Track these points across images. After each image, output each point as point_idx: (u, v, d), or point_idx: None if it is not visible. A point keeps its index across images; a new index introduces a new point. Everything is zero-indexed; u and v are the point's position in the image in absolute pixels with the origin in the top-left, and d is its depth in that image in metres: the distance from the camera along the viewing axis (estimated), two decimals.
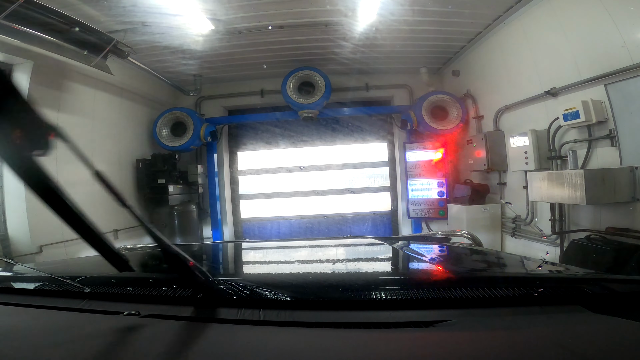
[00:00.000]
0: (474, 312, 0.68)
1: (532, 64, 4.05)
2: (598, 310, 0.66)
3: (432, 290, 0.72)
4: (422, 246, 1.70)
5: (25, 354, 0.57)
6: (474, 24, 4.57)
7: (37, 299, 0.85)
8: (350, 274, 1.10)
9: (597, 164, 3.27)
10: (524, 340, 0.57)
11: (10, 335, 0.66)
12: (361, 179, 6.81)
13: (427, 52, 5.46)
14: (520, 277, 0.87)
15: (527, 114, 4.23)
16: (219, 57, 5.12)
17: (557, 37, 3.58)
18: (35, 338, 0.65)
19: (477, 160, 5.03)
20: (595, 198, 2.98)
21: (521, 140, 4.12)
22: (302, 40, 4.87)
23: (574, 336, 0.58)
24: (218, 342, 0.61)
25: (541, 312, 0.68)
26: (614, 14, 2.91)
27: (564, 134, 3.67)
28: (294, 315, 0.68)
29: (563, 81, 3.54)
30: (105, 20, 3.79)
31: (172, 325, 0.68)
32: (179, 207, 5.67)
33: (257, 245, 2.16)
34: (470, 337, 0.58)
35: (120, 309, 0.74)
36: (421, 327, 0.61)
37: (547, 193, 3.42)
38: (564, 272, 1.05)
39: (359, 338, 0.59)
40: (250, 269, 1.52)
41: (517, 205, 4.61)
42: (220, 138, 6.48)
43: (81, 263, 1.59)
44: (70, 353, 0.58)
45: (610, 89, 3.04)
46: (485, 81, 5.13)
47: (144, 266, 1.41)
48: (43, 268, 1.23)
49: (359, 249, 1.75)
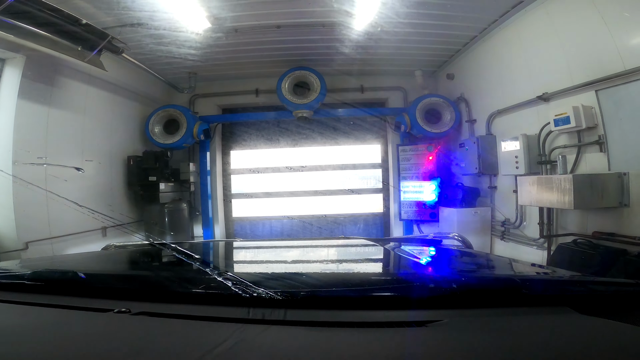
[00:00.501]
0: (465, 312, 0.69)
1: (526, 68, 4.10)
2: (585, 312, 0.67)
3: (424, 290, 0.73)
4: (414, 247, 1.71)
5: (14, 351, 0.56)
6: (470, 27, 4.61)
7: (25, 296, 0.83)
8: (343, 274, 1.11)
9: (586, 169, 3.32)
10: (514, 340, 0.58)
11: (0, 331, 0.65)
12: (354, 180, 6.83)
13: (423, 55, 5.50)
14: (509, 279, 0.88)
15: (519, 118, 4.28)
16: (214, 55, 5.09)
17: (551, 42, 3.63)
18: (23, 335, 0.64)
19: (468, 164, 5.07)
20: (583, 203, 3.02)
21: (512, 144, 4.17)
22: (298, 40, 4.87)
23: (561, 336, 0.59)
24: (208, 339, 0.60)
25: (530, 313, 0.69)
26: (608, 20, 2.95)
27: (555, 139, 3.72)
28: (286, 314, 0.68)
29: (555, 86, 3.59)
30: (100, 15, 3.74)
31: (162, 323, 0.67)
32: (170, 205, 5.62)
33: (249, 244, 2.15)
34: (461, 337, 0.59)
35: (110, 306, 0.73)
36: (413, 327, 0.62)
37: (536, 197, 3.46)
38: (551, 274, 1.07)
39: (352, 337, 0.59)
40: (242, 268, 1.51)
41: (506, 209, 4.66)
42: (214, 136, 6.44)
43: (69, 260, 1.56)
44: (59, 350, 0.57)
45: (601, 94, 3.09)
46: (479, 85, 5.18)
47: (133, 264, 1.40)
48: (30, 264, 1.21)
49: (352, 249, 1.75)
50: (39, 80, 3.88)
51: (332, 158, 6.74)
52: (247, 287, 0.75)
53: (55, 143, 4.09)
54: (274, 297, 0.72)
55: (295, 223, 6.73)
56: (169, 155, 5.82)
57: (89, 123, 4.69)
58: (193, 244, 2.96)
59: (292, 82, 5.66)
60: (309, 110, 5.82)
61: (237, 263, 1.57)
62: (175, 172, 5.94)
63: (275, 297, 0.72)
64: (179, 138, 5.74)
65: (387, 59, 5.52)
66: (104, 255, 1.53)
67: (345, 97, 6.26)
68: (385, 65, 5.83)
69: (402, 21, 4.20)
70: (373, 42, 4.67)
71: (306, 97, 5.66)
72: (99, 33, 3.70)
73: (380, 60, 5.53)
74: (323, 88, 5.63)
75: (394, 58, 5.51)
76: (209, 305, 0.74)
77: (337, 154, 6.75)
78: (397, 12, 3.99)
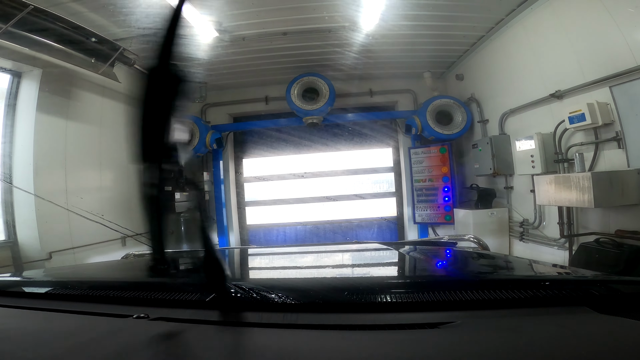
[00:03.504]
0: (479, 313, 0.68)
1: (537, 66, 4.04)
2: (605, 312, 0.66)
3: (436, 292, 0.73)
4: (428, 250, 1.69)
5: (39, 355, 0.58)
6: (477, 27, 4.59)
7: (50, 303, 0.87)
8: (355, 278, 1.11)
9: (605, 166, 3.24)
10: (529, 340, 0.57)
11: (25, 337, 0.68)
12: (366, 185, 6.80)
13: (431, 57, 5.48)
14: (525, 280, 0.87)
15: (533, 117, 4.22)
16: (223, 64, 5.18)
17: (561, 39, 3.58)
18: (47, 340, 0.66)
19: (482, 165, 5.00)
20: (604, 201, 2.95)
21: (527, 143, 4.11)
22: (305, 46, 4.92)
23: (580, 336, 0.58)
24: (224, 343, 0.62)
25: (545, 313, 0.68)
26: (617, 15, 2.90)
27: (570, 137, 3.65)
28: (300, 318, 0.69)
29: (568, 84, 3.53)
30: (112, 28, 3.85)
31: (179, 328, 0.69)
32: (186, 214, 5.71)
33: (264, 251, 2.17)
34: (474, 338, 0.58)
35: (129, 312, 0.76)
36: (425, 329, 0.62)
37: (555, 196, 3.39)
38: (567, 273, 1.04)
39: (363, 339, 0.60)
40: (256, 274, 1.53)
41: (524, 209, 4.57)
42: (226, 145, 6.53)
43: (91, 268, 1.61)
44: (81, 355, 0.59)
45: (616, 90, 3.02)
46: (489, 85, 5.13)
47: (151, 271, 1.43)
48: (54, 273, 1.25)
49: (364, 253, 1.75)
50: (56, 93, 3.98)
51: (343, 163, 6.74)
52: (262, 292, 0.77)
53: (74, 155, 4.21)
54: (287, 302, 0.73)
55: (308, 229, 6.74)
56: (183, 165, 5.92)
57: (106, 134, 4.81)
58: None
59: (301, 88, 5.71)
60: (319, 116, 5.85)
61: (252, 269, 1.59)
62: (190, 181, 6.04)
63: (288, 301, 0.73)
64: (192, 148, 5.84)
65: (395, 61, 5.51)
66: (123, 263, 1.57)
67: (355, 101, 6.28)
68: (394, 68, 5.83)
69: (408, 23, 4.21)
70: (380, 45, 4.68)
71: (315, 103, 5.69)
72: (111, 45, 3.81)
73: (388, 63, 5.53)
74: (332, 93, 5.66)
75: (402, 60, 5.49)
76: (224, 310, 0.76)
77: (348, 158, 6.75)
78: (402, 15, 4.00)
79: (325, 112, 5.83)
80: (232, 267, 1.55)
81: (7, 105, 3.69)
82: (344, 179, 6.74)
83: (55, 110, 3.97)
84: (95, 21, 3.66)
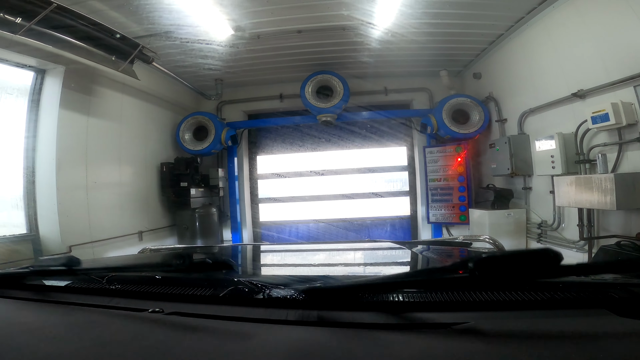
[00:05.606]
0: (493, 314, 0.67)
1: (558, 65, 3.93)
2: (625, 315, 0.64)
3: (450, 292, 0.72)
4: (442, 250, 1.67)
5: (58, 349, 0.60)
6: (495, 25, 4.49)
7: (68, 296, 0.89)
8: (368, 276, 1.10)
9: (628, 168, 3.13)
10: (545, 342, 0.56)
11: (45, 329, 0.70)
12: (380, 183, 6.76)
13: (447, 55, 5.39)
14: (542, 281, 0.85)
15: (553, 116, 4.10)
16: (238, 62, 5.23)
17: (583, 38, 3.48)
18: (66, 333, 0.69)
19: (500, 165, 4.90)
20: (626, 203, 2.87)
21: (547, 143, 4.00)
22: (320, 44, 4.91)
23: (598, 338, 0.56)
24: (236, 338, 0.63)
25: (562, 315, 0.66)
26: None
27: (593, 137, 3.53)
28: (312, 315, 0.69)
29: (590, 83, 3.42)
30: (129, 25, 3.92)
31: (193, 322, 0.70)
32: (201, 210, 5.80)
33: (277, 247, 2.19)
34: (487, 339, 0.57)
35: (145, 306, 0.78)
36: (438, 329, 0.61)
37: (575, 198, 3.30)
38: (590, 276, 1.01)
39: (375, 338, 0.60)
40: (270, 270, 1.54)
41: (543, 210, 4.46)
42: (241, 142, 6.60)
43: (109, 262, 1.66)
44: (99, 347, 0.61)
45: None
46: (508, 84, 5.01)
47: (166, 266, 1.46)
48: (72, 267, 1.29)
49: (377, 252, 1.74)
50: (78, 90, 4.08)
51: (357, 161, 6.72)
52: (275, 289, 0.78)
53: (95, 151, 4.33)
54: (299, 299, 0.73)
55: (321, 227, 6.76)
56: (198, 162, 6.02)
57: (125, 131, 4.93)
58: (222, 248, 3.05)
59: (315, 86, 5.71)
60: (333, 114, 5.84)
61: (265, 266, 1.60)
62: (205, 177, 6.13)
63: (300, 298, 0.73)
64: (208, 144, 5.93)
65: (411, 59, 5.44)
66: (140, 257, 1.61)
67: (369, 99, 6.24)
68: (409, 66, 5.76)
69: (425, 21, 4.15)
70: (395, 43, 4.63)
71: (329, 101, 5.68)
72: (130, 43, 3.88)
73: (404, 61, 5.46)
74: (346, 91, 5.64)
75: (418, 59, 5.42)
76: (237, 305, 0.77)
77: (363, 157, 6.72)
78: (419, 12, 3.94)
79: (340, 110, 5.82)
80: (247, 263, 1.57)
81: (30, 101, 3.81)
82: (357, 177, 6.72)
83: (77, 106, 4.08)
84: (115, 19, 3.74)
